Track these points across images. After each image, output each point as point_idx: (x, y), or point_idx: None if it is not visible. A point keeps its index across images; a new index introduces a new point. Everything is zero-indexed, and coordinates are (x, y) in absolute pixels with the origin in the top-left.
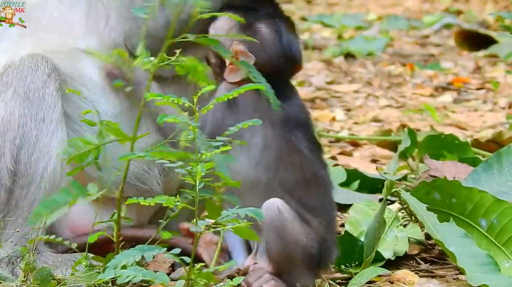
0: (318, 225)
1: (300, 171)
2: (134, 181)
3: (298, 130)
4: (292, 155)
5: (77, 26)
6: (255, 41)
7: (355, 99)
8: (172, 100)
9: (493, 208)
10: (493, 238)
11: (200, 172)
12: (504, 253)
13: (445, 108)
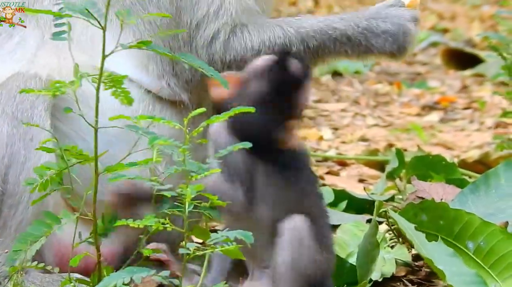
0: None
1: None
2: None
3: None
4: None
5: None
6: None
7: (342, 118)
8: (163, 122)
9: (480, 230)
10: (480, 260)
11: (190, 194)
12: (491, 275)
13: (432, 128)
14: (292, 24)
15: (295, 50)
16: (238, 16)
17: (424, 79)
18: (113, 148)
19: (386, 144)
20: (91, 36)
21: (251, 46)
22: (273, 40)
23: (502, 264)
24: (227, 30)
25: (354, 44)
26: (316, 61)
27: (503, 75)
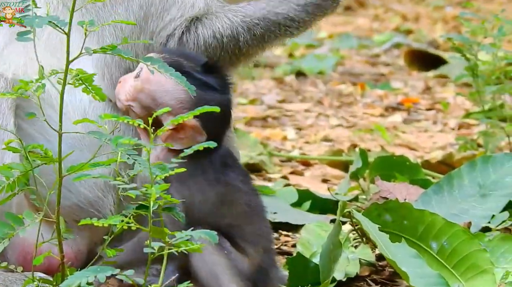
0: (254, 253)
1: (239, 206)
2: (87, 206)
3: (230, 168)
4: (232, 194)
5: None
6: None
7: (306, 118)
8: (127, 122)
9: (443, 231)
10: (443, 260)
11: (155, 194)
12: (454, 275)
13: (395, 129)
14: (238, 13)
15: (241, 40)
16: (196, 13)
17: (388, 80)
18: (78, 150)
19: (349, 144)
20: (61, 39)
21: (203, 41)
22: (222, 32)
23: (465, 264)
24: (182, 27)
25: (299, 23)
26: (264, 48)
27: (466, 76)
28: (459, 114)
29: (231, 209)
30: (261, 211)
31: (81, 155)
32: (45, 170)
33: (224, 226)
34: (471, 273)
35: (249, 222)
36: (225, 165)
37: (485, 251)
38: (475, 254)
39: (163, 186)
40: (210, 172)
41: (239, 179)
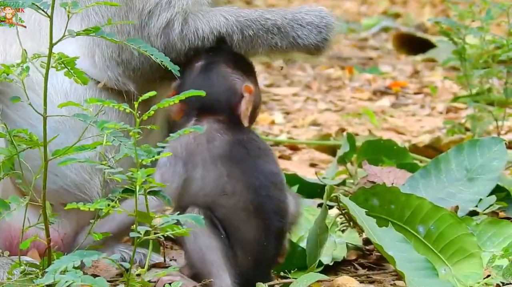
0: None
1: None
2: (74, 189)
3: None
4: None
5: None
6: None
7: (294, 102)
8: (113, 106)
9: (431, 215)
10: (430, 244)
11: (140, 178)
12: (441, 259)
13: (383, 113)
14: (232, 12)
15: (235, 39)
16: (189, 6)
17: (376, 64)
18: (63, 134)
19: (337, 129)
20: (39, 23)
21: (202, 35)
22: (218, 29)
23: (452, 248)
24: (180, 20)
25: (283, 35)
26: (249, 52)
27: (454, 60)
28: (447, 98)
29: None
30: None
31: (66, 138)
32: (31, 154)
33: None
34: (458, 257)
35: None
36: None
37: (472, 235)
38: (462, 238)
39: (149, 170)
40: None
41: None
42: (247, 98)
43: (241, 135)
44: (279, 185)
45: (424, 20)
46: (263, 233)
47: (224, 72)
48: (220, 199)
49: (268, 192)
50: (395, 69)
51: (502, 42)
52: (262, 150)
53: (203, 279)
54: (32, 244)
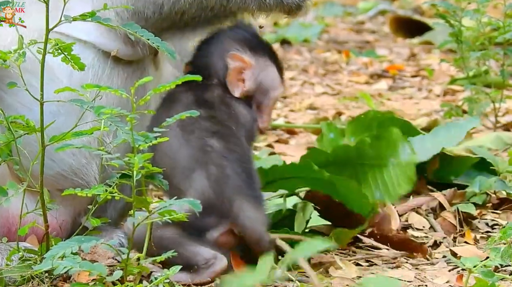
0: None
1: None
2: (71, 174)
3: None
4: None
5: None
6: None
7: (291, 86)
8: (110, 91)
9: None
10: None
11: (138, 163)
12: None
13: (380, 96)
14: None
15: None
16: None
17: (373, 47)
18: (60, 119)
19: (334, 112)
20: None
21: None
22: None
23: None
24: None
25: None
26: (241, 8)
27: (451, 42)
28: (444, 81)
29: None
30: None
31: (64, 122)
32: (27, 140)
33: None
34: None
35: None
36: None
37: None
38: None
39: (146, 155)
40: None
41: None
42: (232, 65)
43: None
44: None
45: (421, 3)
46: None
47: (224, 41)
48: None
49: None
50: (392, 52)
51: (499, 24)
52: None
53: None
54: (31, 230)
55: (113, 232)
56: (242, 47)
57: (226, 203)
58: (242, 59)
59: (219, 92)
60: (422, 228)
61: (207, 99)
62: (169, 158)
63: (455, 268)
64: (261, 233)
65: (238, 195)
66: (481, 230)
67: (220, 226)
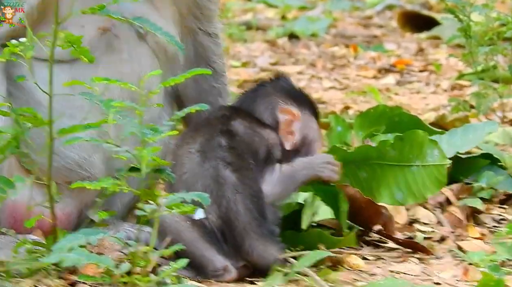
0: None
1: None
2: (75, 167)
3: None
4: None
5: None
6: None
7: (299, 80)
8: (119, 84)
9: None
10: None
11: (147, 156)
12: None
13: (388, 91)
14: None
15: None
16: None
17: (381, 42)
18: (64, 119)
19: (342, 107)
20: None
21: None
22: None
23: None
24: None
25: None
26: None
27: (459, 37)
28: (451, 76)
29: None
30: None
31: (69, 123)
32: (34, 134)
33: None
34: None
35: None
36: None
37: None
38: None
39: (155, 148)
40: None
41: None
42: (284, 119)
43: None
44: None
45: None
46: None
47: (270, 92)
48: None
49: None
50: (400, 47)
51: (507, 19)
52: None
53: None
54: (36, 224)
55: (120, 225)
56: (287, 99)
57: (237, 238)
58: (291, 113)
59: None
60: (429, 223)
61: (233, 129)
62: (185, 185)
63: (462, 262)
64: (271, 263)
65: (249, 231)
66: (488, 225)
67: (236, 259)
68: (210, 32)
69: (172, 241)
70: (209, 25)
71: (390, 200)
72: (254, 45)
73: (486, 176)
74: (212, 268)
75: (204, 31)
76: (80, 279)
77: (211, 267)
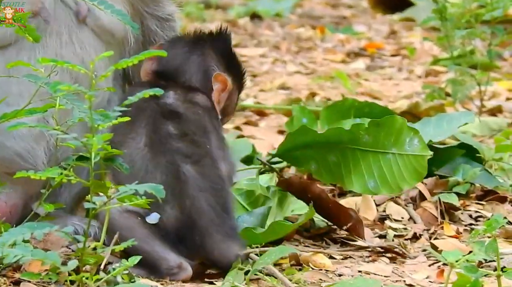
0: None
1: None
2: (18, 159)
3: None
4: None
5: None
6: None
7: (261, 64)
8: (67, 66)
9: None
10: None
11: (96, 144)
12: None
13: (357, 76)
14: None
15: None
16: None
17: (350, 23)
18: (13, 96)
19: (308, 93)
20: None
21: None
22: None
23: None
24: None
25: None
26: None
27: (434, 19)
28: (426, 61)
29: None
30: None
31: (8, 107)
32: None
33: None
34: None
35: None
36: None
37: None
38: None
39: (105, 135)
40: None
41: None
42: (217, 86)
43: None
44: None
45: None
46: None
47: (206, 54)
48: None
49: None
50: (371, 29)
51: (486, 0)
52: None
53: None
54: None
55: (67, 218)
56: (223, 65)
57: (198, 237)
58: (225, 82)
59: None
60: (400, 219)
61: (173, 109)
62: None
63: (436, 262)
64: (232, 261)
65: (211, 231)
66: (464, 222)
67: (193, 258)
68: (157, 15)
69: (123, 237)
70: (156, 8)
71: (361, 188)
72: (214, 25)
73: (463, 169)
74: (166, 266)
75: (152, 14)
76: (24, 277)
77: (164, 265)
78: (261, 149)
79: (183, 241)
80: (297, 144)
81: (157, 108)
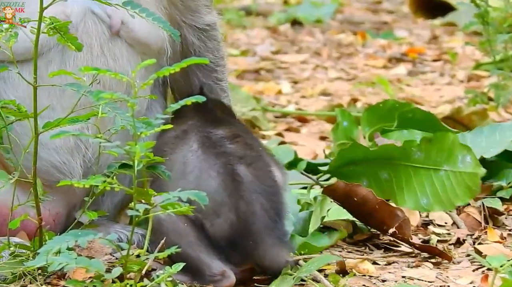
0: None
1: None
2: (53, 171)
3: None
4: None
5: None
6: None
7: (302, 70)
8: (110, 74)
9: None
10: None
11: (139, 152)
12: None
13: (399, 81)
14: None
15: None
16: None
17: (391, 28)
18: (55, 104)
19: (349, 99)
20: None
21: None
22: None
23: None
24: None
25: None
26: None
27: (476, 24)
28: (468, 66)
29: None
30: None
31: (61, 107)
32: (16, 130)
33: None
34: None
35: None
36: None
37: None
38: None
39: (148, 143)
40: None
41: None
42: None
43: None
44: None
45: None
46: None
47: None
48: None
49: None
50: (412, 34)
51: None
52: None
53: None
54: (21, 225)
55: (110, 226)
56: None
57: (251, 241)
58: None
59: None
60: (444, 224)
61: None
62: (191, 184)
63: (480, 267)
64: (282, 267)
65: (264, 236)
66: (508, 227)
67: (242, 263)
68: (195, 25)
69: (169, 242)
70: (193, 18)
71: (414, 205)
72: (254, 32)
73: (507, 174)
74: (209, 273)
75: (188, 24)
76: (69, 284)
77: (208, 271)
78: (303, 155)
79: (234, 245)
80: (348, 160)
81: (206, 116)
